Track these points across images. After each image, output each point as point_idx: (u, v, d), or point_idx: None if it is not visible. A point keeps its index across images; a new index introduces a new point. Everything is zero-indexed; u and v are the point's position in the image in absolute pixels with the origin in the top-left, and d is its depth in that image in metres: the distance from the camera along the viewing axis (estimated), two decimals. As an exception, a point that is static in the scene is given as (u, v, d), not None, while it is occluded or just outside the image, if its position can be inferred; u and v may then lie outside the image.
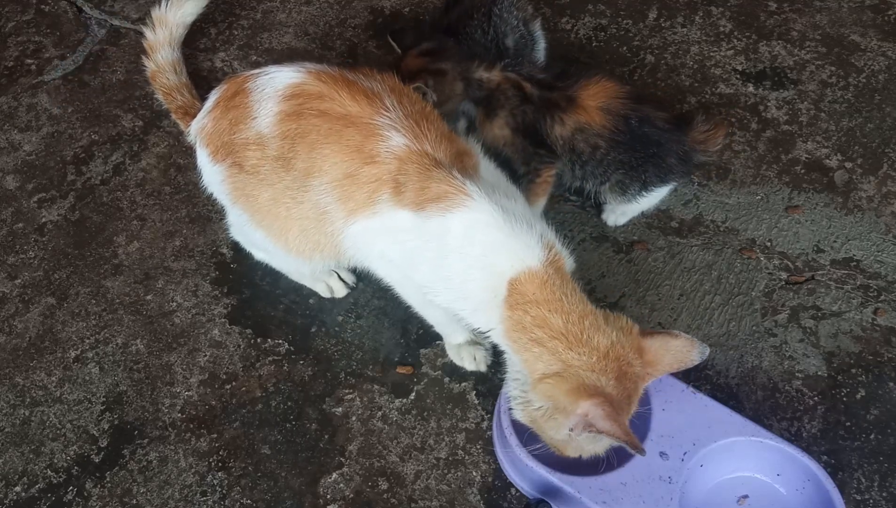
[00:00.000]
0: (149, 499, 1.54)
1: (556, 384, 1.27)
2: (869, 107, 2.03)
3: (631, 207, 1.80)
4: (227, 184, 1.52)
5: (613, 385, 1.27)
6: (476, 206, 1.30)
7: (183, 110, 1.70)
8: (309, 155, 1.39)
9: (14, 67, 2.19)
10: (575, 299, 1.30)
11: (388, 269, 1.48)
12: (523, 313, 1.29)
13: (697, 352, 1.32)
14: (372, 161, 1.35)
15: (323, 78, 1.40)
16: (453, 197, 1.30)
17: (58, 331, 1.75)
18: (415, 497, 1.53)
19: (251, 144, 1.45)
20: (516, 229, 1.30)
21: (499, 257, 1.31)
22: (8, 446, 1.61)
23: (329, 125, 1.37)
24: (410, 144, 1.34)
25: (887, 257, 1.78)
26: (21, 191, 1.97)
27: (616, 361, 1.27)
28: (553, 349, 1.28)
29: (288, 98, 1.41)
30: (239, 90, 1.47)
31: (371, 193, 1.36)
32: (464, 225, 1.31)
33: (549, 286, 1.29)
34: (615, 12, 2.23)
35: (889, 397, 1.60)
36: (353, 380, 1.66)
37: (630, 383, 1.29)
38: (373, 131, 1.35)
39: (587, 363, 1.27)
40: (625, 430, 1.25)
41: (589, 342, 1.27)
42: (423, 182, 1.32)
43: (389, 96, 1.39)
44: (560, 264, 1.33)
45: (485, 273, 1.32)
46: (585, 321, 1.28)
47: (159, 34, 1.75)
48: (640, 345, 1.31)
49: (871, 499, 1.49)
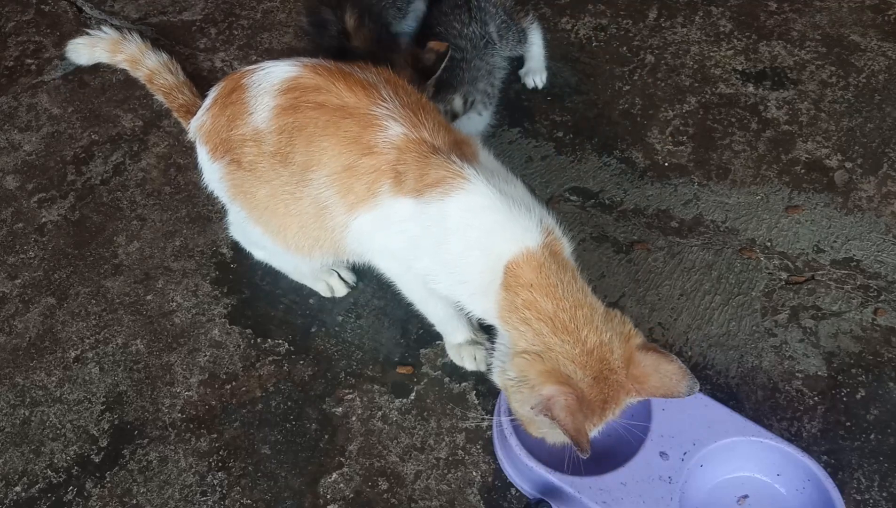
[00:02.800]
0: (149, 499, 1.54)
1: (532, 362, 1.27)
2: (869, 107, 2.03)
3: (532, 54, 2.04)
4: (226, 181, 1.52)
5: (588, 383, 1.26)
6: (474, 189, 1.30)
7: (185, 109, 1.70)
8: (307, 148, 1.39)
9: (14, 67, 2.19)
10: (572, 287, 1.29)
11: (390, 262, 1.48)
12: (515, 294, 1.29)
13: (686, 385, 1.27)
14: (370, 152, 1.35)
15: (319, 71, 1.40)
16: (451, 181, 1.30)
17: (58, 331, 1.75)
18: (415, 497, 1.53)
19: (248, 140, 1.45)
20: (514, 212, 1.29)
21: (496, 239, 1.30)
22: (8, 446, 1.61)
23: (326, 117, 1.37)
24: (408, 132, 1.34)
25: (887, 257, 1.78)
26: (21, 191, 1.97)
27: (599, 362, 1.26)
28: (538, 330, 1.27)
29: (284, 92, 1.41)
30: (236, 87, 1.47)
31: (371, 184, 1.35)
32: (462, 208, 1.30)
33: (544, 271, 1.28)
34: (615, 12, 2.23)
35: (889, 397, 1.60)
36: (353, 380, 1.66)
37: (609, 389, 1.27)
38: (370, 122, 1.35)
39: (569, 353, 1.26)
40: (576, 427, 1.22)
41: (576, 332, 1.26)
42: (422, 169, 1.32)
43: (385, 87, 1.39)
44: (557, 248, 1.32)
45: (483, 255, 1.31)
46: (578, 311, 1.27)
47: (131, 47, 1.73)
48: (632, 356, 1.28)
49: (871, 499, 1.49)
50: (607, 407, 1.29)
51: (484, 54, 1.87)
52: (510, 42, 1.94)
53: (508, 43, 1.93)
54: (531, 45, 2.03)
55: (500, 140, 1.98)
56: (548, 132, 2.01)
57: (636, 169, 1.94)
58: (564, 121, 2.03)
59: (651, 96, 2.07)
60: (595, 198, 1.90)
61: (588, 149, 1.98)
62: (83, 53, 1.77)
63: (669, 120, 2.02)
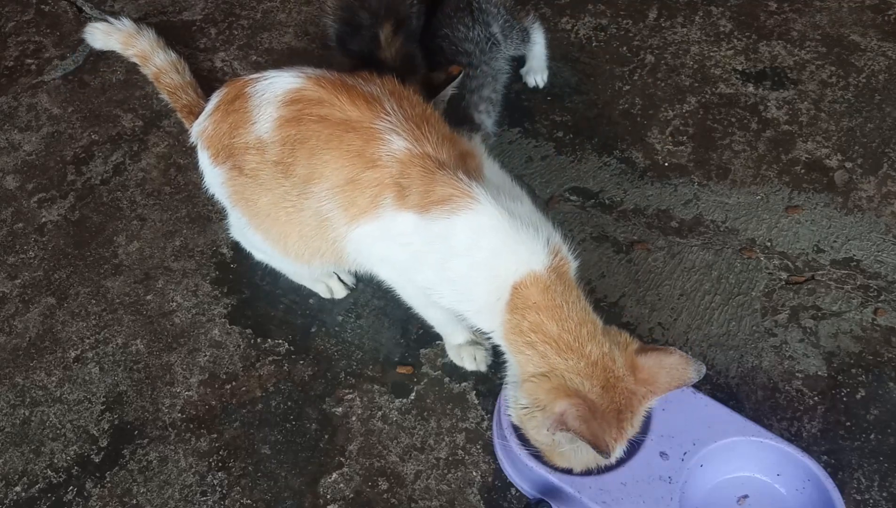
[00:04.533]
0: (149, 499, 1.54)
1: (539, 383, 1.28)
2: (869, 107, 2.03)
3: (535, 53, 2.04)
4: (228, 186, 1.53)
5: (598, 393, 1.27)
6: (482, 209, 1.29)
7: (188, 109, 1.70)
8: (309, 161, 1.39)
9: (14, 67, 2.19)
10: (577, 307, 1.30)
11: (390, 272, 1.48)
12: (522, 317, 1.30)
13: (694, 370, 1.30)
14: (373, 165, 1.34)
15: (322, 83, 1.40)
16: (458, 200, 1.30)
17: (58, 331, 1.75)
18: (415, 497, 1.53)
19: (251, 148, 1.45)
20: (522, 234, 1.30)
21: (503, 261, 1.31)
22: (8, 446, 1.61)
23: (329, 131, 1.37)
24: (412, 147, 1.33)
25: (887, 257, 1.78)
26: (21, 191, 1.97)
27: (604, 371, 1.27)
28: (543, 352, 1.28)
29: (287, 104, 1.41)
30: (239, 94, 1.47)
31: (374, 197, 1.35)
32: (469, 228, 1.30)
33: (550, 292, 1.29)
34: (615, 12, 2.23)
35: (889, 397, 1.60)
36: (353, 380, 1.66)
37: (620, 397, 1.28)
38: (373, 136, 1.35)
39: (574, 367, 1.27)
40: (593, 431, 1.24)
41: (580, 349, 1.27)
42: (428, 185, 1.31)
43: (389, 100, 1.38)
44: (564, 269, 1.33)
45: (489, 276, 1.32)
46: (582, 328, 1.29)
47: (143, 43, 1.74)
48: (634, 362, 1.30)
49: (871, 499, 1.49)
50: (623, 417, 1.30)
51: (489, 59, 1.87)
52: (514, 41, 1.94)
53: (513, 42, 1.93)
54: (534, 45, 2.03)
55: (500, 140, 1.98)
56: (548, 132, 2.01)
57: (636, 169, 1.94)
58: (564, 121, 2.03)
59: (651, 96, 2.07)
60: (595, 198, 1.90)
61: (588, 149, 1.98)
62: (98, 38, 1.78)
63: (669, 120, 2.02)
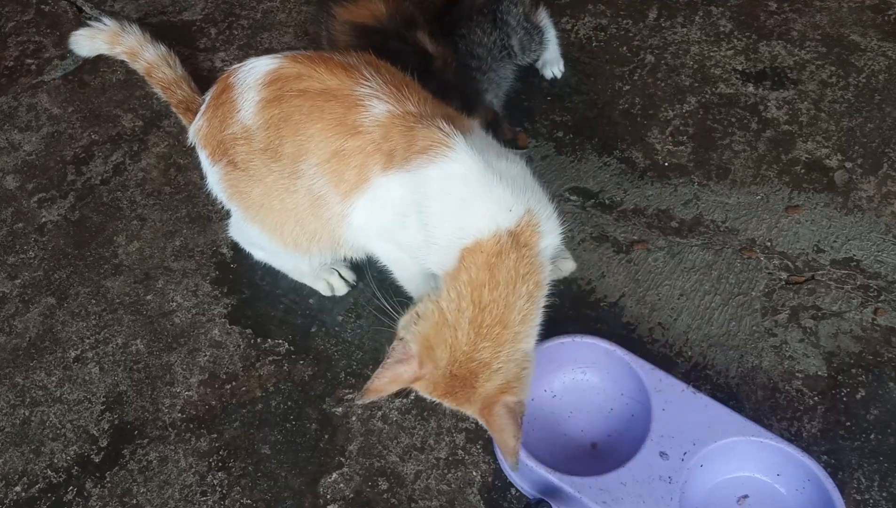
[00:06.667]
0: (149, 499, 1.54)
1: (429, 316, 1.28)
2: (869, 107, 2.03)
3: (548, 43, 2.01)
4: (224, 183, 1.53)
5: (444, 373, 1.27)
6: (456, 156, 1.28)
7: (184, 105, 1.70)
8: (294, 138, 1.39)
9: (14, 67, 2.19)
10: (512, 300, 1.27)
11: (384, 244, 1.47)
12: (467, 269, 1.27)
13: (508, 461, 1.28)
14: (356, 133, 1.34)
15: (299, 59, 1.40)
16: (437, 148, 1.29)
17: (58, 331, 1.75)
18: (415, 496, 1.53)
19: (239, 138, 1.45)
20: (494, 189, 1.28)
21: (470, 210, 1.29)
22: (8, 446, 1.61)
23: (310, 103, 1.36)
24: (393, 108, 1.33)
25: (887, 257, 1.78)
26: (21, 191, 1.97)
27: (470, 373, 1.26)
28: (462, 308, 1.26)
29: (267, 85, 1.41)
30: (225, 86, 1.48)
31: (360, 167, 1.35)
32: (443, 175, 1.29)
33: (500, 261, 1.26)
34: (615, 12, 2.23)
35: (889, 397, 1.60)
36: (353, 380, 1.66)
37: (457, 390, 1.28)
38: (354, 102, 1.34)
39: (458, 347, 1.25)
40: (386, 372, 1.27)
41: (479, 341, 1.25)
42: (409, 140, 1.31)
43: (367, 67, 1.38)
44: (531, 239, 1.30)
45: (454, 222, 1.31)
46: (498, 328, 1.26)
47: (129, 39, 1.73)
48: (492, 406, 1.26)
49: (871, 499, 1.49)
50: (446, 396, 1.29)
51: (499, 66, 1.87)
52: (533, 52, 1.95)
53: (531, 53, 1.95)
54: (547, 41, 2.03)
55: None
56: (548, 132, 2.01)
57: (636, 169, 1.94)
58: (564, 121, 2.03)
59: (651, 96, 2.07)
60: (595, 198, 1.90)
61: (588, 149, 1.98)
62: (84, 45, 1.77)
63: (669, 120, 2.02)
